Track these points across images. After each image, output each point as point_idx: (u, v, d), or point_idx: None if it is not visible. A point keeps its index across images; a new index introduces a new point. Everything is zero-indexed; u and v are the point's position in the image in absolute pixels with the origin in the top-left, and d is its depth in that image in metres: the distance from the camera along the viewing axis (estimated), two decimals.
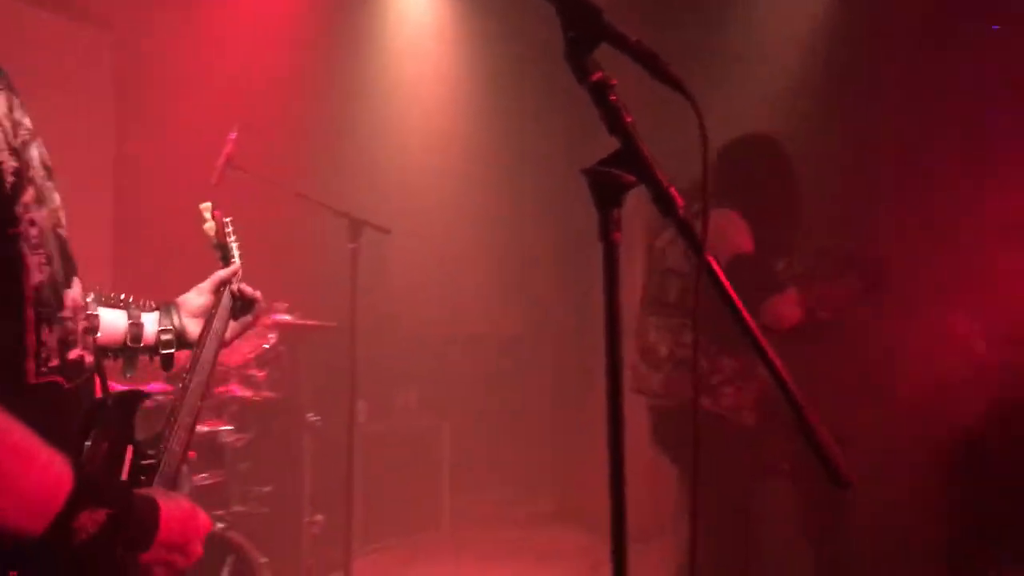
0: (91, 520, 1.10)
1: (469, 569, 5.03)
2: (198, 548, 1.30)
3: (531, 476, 6.10)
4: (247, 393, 3.52)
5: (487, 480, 6.11)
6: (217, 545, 2.92)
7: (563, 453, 6.00)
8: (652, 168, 1.14)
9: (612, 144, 1.14)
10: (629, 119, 1.14)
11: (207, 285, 1.82)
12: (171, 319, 1.74)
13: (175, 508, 1.26)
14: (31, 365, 1.17)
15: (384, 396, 5.66)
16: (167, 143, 4.68)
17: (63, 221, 1.35)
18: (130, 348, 1.69)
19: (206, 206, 1.92)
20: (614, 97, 1.14)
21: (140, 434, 1.41)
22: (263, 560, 3.01)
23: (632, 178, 1.14)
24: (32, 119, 1.29)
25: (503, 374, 6.25)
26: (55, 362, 1.21)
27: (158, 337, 1.72)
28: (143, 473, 1.38)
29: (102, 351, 1.59)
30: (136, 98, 4.90)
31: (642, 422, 3.12)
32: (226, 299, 1.77)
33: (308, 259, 4.82)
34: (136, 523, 1.18)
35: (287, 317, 3.75)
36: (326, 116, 5.34)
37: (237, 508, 3.35)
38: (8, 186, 1.17)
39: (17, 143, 1.22)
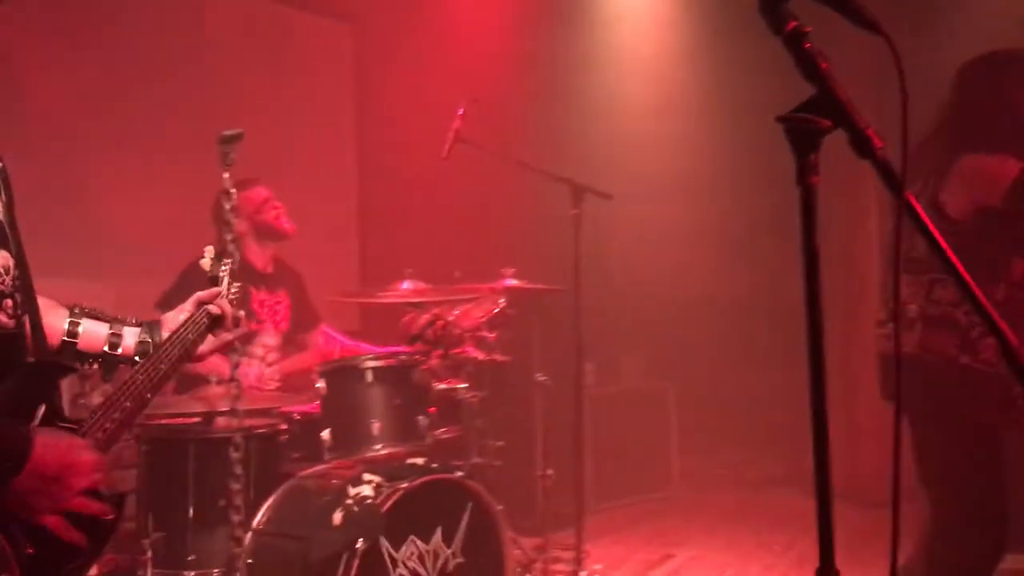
0: None
1: (700, 528, 5.08)
2: (79, 481, 1.40)
3: (760, 439, 6.04)
4: (480, 354, 3.74)
5: (716, 443, 6.12)
6: (458, 492, 3.15)
7: (793, 415, 5.88)
8: (849, 111, 1.16)
9: None
10: (824, 65, 1.17)
11: (188, 305, 1.98)
12: (151, 334, 1.92)
13: (51, 440, 1.39)
14: None
15: (611, 359, 5.79)
16: (403, 122, 5.02)
17: None
18: (108, 355, 1.86)
19: (208, 249, 2.13)
20: (808, 44, 1.17)
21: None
22: (499, 507, 3.21)
23: (828, 123, 1.17)
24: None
25: (728, 337, 6.21)
26: None
27: (136, 348, 1.89)
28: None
29: (81, 356, 1.81)
30: (374, 82, 5.27)
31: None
32: (200, 315, 1.94)
33: (534, 226, 5.01)
34: (4, 451, 1.33)
35: (514, 282, 3.94)
36: (549, 88, 5.51)
37: (475, 460, 3.59)
38: None
39: None
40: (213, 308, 1.96)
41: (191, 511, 3.05)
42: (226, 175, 2.45)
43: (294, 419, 3.32)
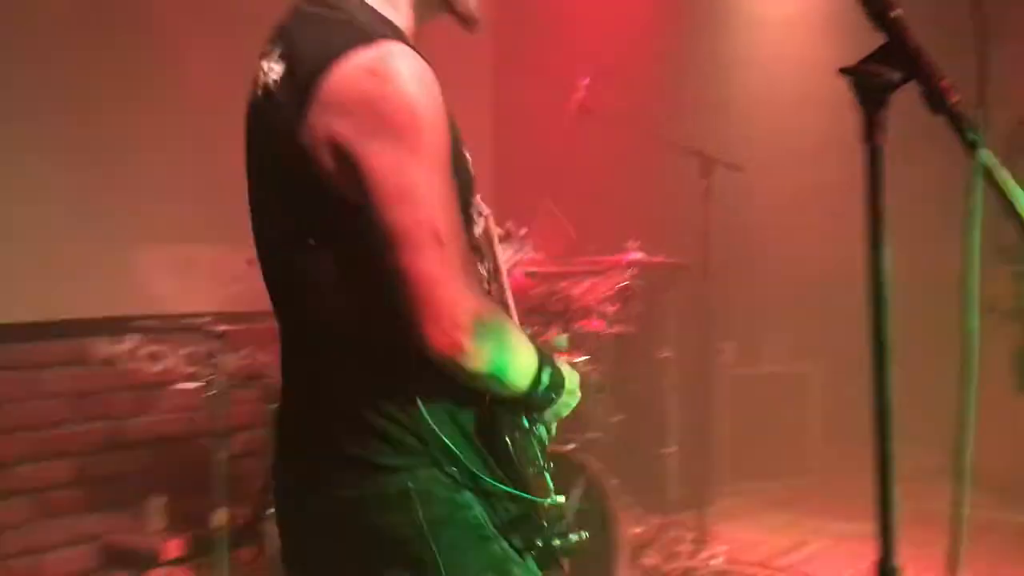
0: (546, 375, 1.46)
1: (837, 517, 4.85)
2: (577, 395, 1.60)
3: (915, 427, 5.69)
4: (602, 327, 3.69)
5: (863, 430, 5.81)
6: (569, 465, 3.13)
7: (949, 404, 5.53)
8: (922, 62, 1.05)
9: None
10: (896, 10, 1.06)
11: None
12: None
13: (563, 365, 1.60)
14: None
15: (754, 339, 5.60)
16: (539, 88, 4.98)
17: None
18: None
19: None
20: None
21: None
22: (614, 482, 3.17)
23: (899, 75, 1.06)
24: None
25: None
26: None
27: None
28: None
29: None
30: (512, 45, 5.24)
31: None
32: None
33: (662, 198, 4.88)
34: (559, 375, 1.51)
35: (639, 255, 3.86)
36: (676, 51, 5.32)
37: (591, 435, 3.55)
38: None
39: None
40: None
41: None
42: None
43: None
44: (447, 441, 1.37)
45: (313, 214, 1.35)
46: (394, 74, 1.28)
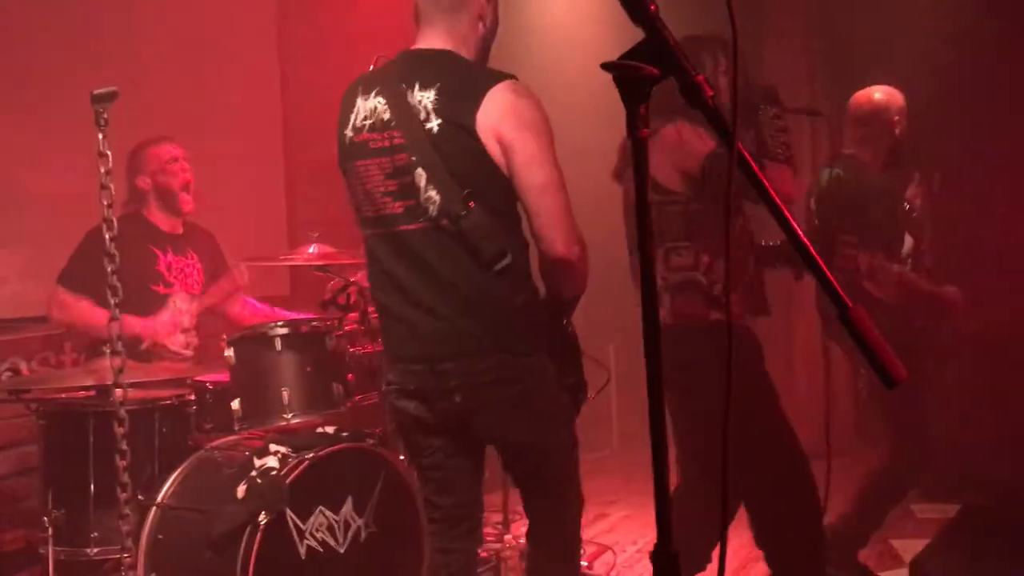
0: None
1: (635, 490, 5.06)
2: None
3: None
4: None
5: None
6: (369, 460, 3.08)
7: None
8: (679, 58, 1.08)
9: None
10: (653, 7, 1.09)
11: None
12: None
13: None
14: None
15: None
16: (327, 84, 4.85)
17: None
18: None
19: None
20: None
21: None
22: (415, 474, 3.14)
23: (656, 71, 1.09)
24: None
25: None
26: None
27: None
28: None
29: None
30: (295, 41, 5.07)
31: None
32: None
33: None
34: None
35: None
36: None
37: (393, 426, 3.50)
38: None
39: None
40: None
41: (92, 487, 2.96)
42: (100, 136, 2.32)
43: (207, 389, 3.21)
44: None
45: (477, 180, 2.24)
46: (526, 95, 2.26)
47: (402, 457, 3.15)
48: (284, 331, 3.13)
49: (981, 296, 4.04)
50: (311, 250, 3.42)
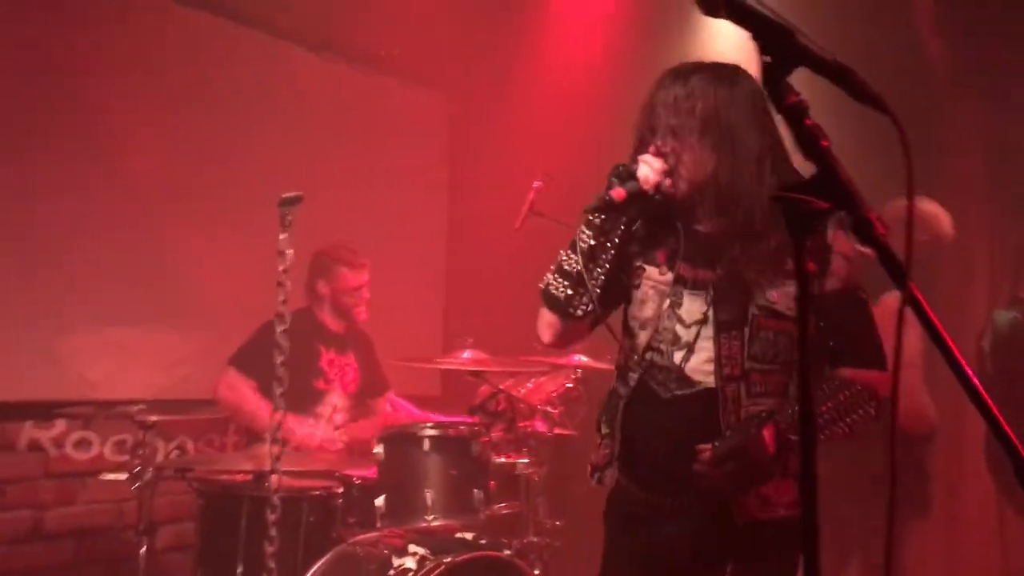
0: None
1: None
2: None
3: None
4: (545, 429, 3.66)
5: None
6: (505, 570, 3.05)
7: None
8: (851, 192, 1.08)
9: None
10: (826, 143, 1.10)
11: None
12: None
13: None
14: None
15: None
16: (492, 197, 5.04)
17: None
18: None
19: None
20: (809, 120, 1.10)
21: None
22: None
23: (827, 204, 1.09)
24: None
25: None
26: None
27: None
28: None
29: None
30: (467, 151, 5.32)
31: None
32: None
33: None
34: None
35: (584, 359, 3.86)
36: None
37: (531, 538, 3.47)
38: None
39: None
40: None
41: (240, 569, 3.05)
42: (283, 236, 2.48)
43: (353, 483, 3.29)
44: None
45: None
46: None
47: (537, 572, 3.12)
48: (433, 432, 3.20)
49: None
50: (465, 355, 3.50)
